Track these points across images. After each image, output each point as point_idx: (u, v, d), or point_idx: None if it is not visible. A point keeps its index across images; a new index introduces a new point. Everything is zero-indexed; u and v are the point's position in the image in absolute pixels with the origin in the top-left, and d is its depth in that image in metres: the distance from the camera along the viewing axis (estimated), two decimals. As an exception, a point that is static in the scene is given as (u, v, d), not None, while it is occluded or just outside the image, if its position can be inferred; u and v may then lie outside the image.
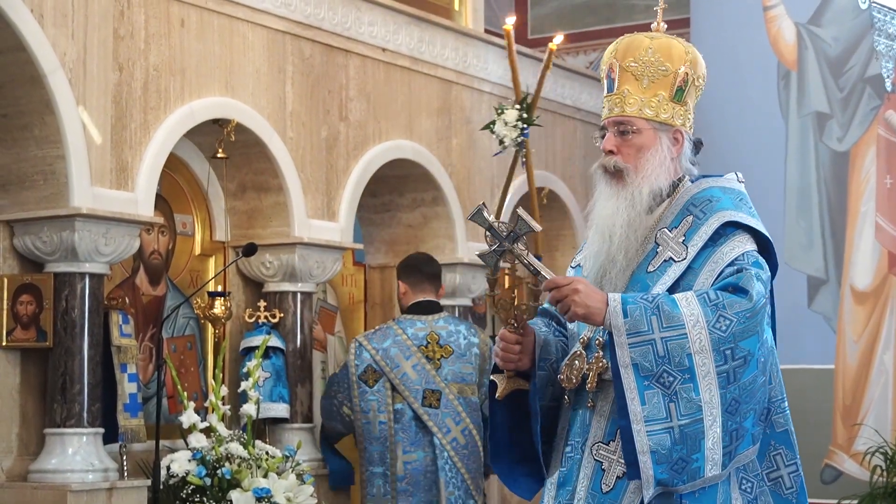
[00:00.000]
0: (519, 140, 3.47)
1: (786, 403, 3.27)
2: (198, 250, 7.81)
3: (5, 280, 6.54)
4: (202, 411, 7.32)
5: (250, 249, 7.14)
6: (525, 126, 3.47)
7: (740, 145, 9.44)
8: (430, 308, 7.67)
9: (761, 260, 3.28)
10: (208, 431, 7.00)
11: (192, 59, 7.19)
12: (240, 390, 7.34)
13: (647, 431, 3.07)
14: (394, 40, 8.64)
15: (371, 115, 8.45)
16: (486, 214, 3.36)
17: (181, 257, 7.70)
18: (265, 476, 6.85)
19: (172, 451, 6.93)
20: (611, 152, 3.41)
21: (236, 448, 6.90)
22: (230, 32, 7.44)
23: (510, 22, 4.20)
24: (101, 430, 6.57)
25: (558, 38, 3.72)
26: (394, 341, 7.55)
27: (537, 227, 3.33)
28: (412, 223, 9.14)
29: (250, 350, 7.52)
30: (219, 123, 7.39)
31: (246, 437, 7.05)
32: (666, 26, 3.55)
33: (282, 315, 7.74)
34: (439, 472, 7.35)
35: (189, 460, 6.80)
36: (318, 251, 7.88)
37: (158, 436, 6.48)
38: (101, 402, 6.57)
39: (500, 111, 3.44)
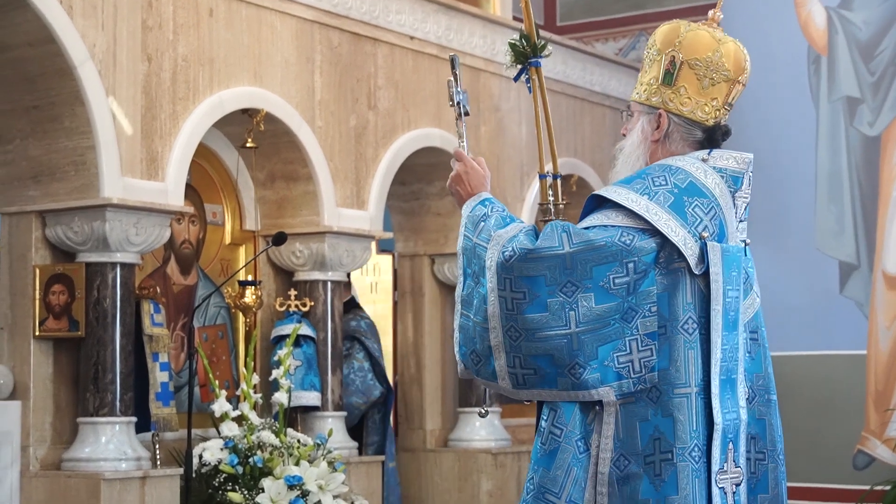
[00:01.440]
0: (518, 64, 3.59)
1: (685, 391, 3.15)
2: (228, 240, 7.84)
3: (37, 270, 6.58)
4: (234, 400, 7.36)
5: (280, 238, 7.16)
6: (532, 55, 3.58)
7: (771, 131, 9.40)
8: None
9: (597, 227, 3.22)
10: (240, 420, 7.04)
11: (220, 50, 7.21)
12: (271, 379, 7.37)
13: (459, 312, 3.33)
14: (422, 28, 8.64)
15: (399, 104, 8.46)
16: (457, 71, 3.72)
17: (211, 247, 7.73)
18: (297, 464, 6.87)
19: (204, 439, 6.97)
20: (623, 135, 3.55)
21: (268, 436, 6.93)
22: (258, 22, 7.46)
23: None
24: (134, 419, 6.61)
25: None
26: (375, 336, 8.42)
27: (466, 111, 3.74)
28: (441, 211, 9.15)
29: (281, 339, 7.54)
30: (248, 113, 7.41)
31: (277, 425, 7.08)
32: (721, 15, 3.56)
33: (312, 304, 7.77)
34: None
35: (221, 449, 6.84)
36: (347, 240, 7.90)
37: (190, 424, 6.51)
38: (134, 391, 6.61)
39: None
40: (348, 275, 8.55)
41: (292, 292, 7.78)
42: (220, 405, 7.01)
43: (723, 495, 3.18)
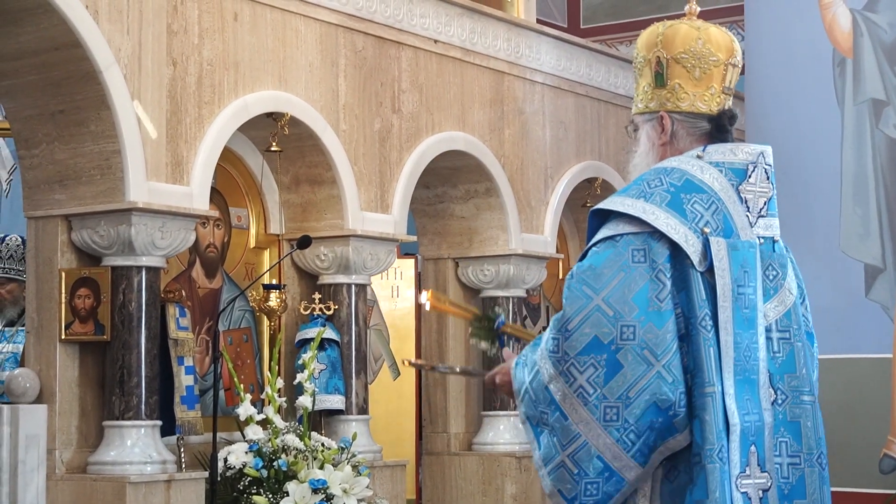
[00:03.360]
0: (490, 341, 3.60)
1: (710, 390, 3.06)
2: (253, 243, 7.85)
3: (63, 274, 6.60)
4: (258, 403, 7.37)
5: (305, 242, 7.17)
6: (494, 323, 3.58)
7: (796, 133, 9.36)
8: None
9: (596, 247, 3.14)
10: (265, 423, 7.05)
11: (245, 54, 7.23)
12: (295, 382, 7.37)
13: (547, 473, 3.11)
14: (446, 32, 8.64)
15: (424, 107, 8.46)
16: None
17: (236, 250, 7.74)
18: (321, 467, 6.88)
19: (229, 443, 6.98)
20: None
21: (292, 440, 6.94)
22: (283, 26, 7.47)
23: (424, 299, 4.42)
24: (159, 423, 6.62)
25: (424, 298, 4.04)
26: None
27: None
28: (465, 214, 9.15)
29: (306, 342, 7.55)
30: (272, 117, 7.43)
31: (302, 428, 7.09)
32: (699, 9, 3.47)
33: (336, 307, 7.77)
34: None
35: (246, 452, 6.85)
36: (371, 243, 7.90)
37: (215, 428, 6.52)
38: (159, 395, 6.62)
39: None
40: None
41: (316, 296, 7.79)
42: (245, 409, 7.02)
43: (746, 500, 3.07)
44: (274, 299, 7.58)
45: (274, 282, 7.73)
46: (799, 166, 9.18)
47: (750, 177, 3.22)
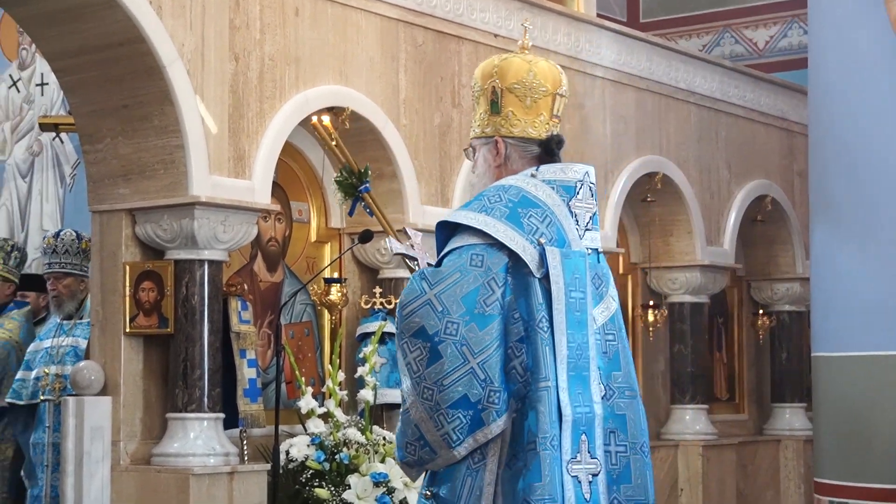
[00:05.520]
0: (350, 198, 4.18)
1: (545, 385, 3.37)
2: (314, 237, 7.89)
3: (127, 267, 6.66)
4: (319, 397, 7.40)
5: (366, 236, 7.17)
6: (360, 183, 4.14)
7: (859, 128, 9.26)
8: None
9: (448, 256, 3.50)
10: (326, 417, 7.08)
11: (306, 49, 7.26)
12: (356, 376, 7.40)
13: (400, 413, 3.51)
14: (506, 26, 8.63)
15: (484, 102, 8.46)
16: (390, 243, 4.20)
17: (297, 244, 7.78)
18: (382, 461, 6.90)
19: (291, 436, 7.02)
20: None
21: (354, 433, 6.97)
22: (344, 21, 7.50)
23: (325, 120, 4.80)
24: (222, 415, 6.67)
25: (325, 119, 4.44)
26: None
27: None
28: (525, 209, 9.14)
29: (367, 336, 7.58)
30: (333, 111, 7.45)
31: (363, 422, 7.11)
32: (530, 42, 3.91)
33: (397, 301, 7.78)
34: None
35: (308, 445, 6.88)
36: (432, 238, 7.89)
37: (278, 421, 6.56)
38: (221, 388, 6.67)
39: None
40: None
41: (377, 290, 7.81)
42: (307, 402, 7.05)
43: (576, 484, 3.37)
44: (335, 293, 7.61)
45: (335, 276, 7.76)
46: (862, 161, 9.09)
47: (578, 193, 3.56)
